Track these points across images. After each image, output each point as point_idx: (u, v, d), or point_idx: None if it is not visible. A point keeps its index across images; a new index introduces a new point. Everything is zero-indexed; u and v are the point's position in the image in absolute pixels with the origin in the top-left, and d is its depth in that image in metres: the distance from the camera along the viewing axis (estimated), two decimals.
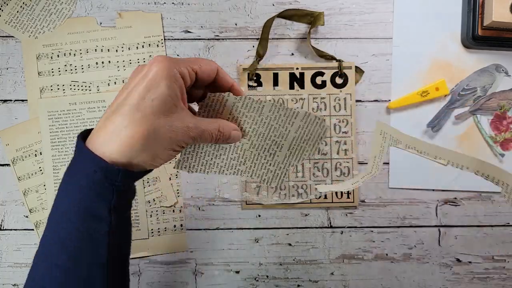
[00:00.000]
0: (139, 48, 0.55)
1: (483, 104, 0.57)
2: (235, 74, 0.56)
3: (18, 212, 0.56)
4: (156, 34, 0.56)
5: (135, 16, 0.55)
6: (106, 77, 0.55)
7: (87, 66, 0.55)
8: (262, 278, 0.57)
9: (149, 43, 0.55)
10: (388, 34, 0.57)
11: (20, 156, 0.54)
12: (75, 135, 0.54)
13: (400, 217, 0.57)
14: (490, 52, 0.56)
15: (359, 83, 0.57)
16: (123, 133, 0.31)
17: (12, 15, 0.56)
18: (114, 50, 0.56)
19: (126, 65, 0.55)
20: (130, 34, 0.55)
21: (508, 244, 0.58)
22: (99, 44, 0.55)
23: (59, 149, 0.55)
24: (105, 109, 0.47)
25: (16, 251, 0.56)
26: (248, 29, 0.57)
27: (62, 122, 0.55)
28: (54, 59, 0.55)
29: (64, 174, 0.34)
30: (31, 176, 0.54)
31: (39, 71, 0.55)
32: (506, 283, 0.58)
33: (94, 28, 0.55)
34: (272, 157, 0.40)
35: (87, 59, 0.55)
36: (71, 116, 0.55)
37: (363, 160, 0.57)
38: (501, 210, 0.57)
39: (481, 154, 0.57)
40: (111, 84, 0.55)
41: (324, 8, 0.56)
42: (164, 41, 0.56)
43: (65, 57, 0.55)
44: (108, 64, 0.55)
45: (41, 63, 0.55)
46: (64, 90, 0.55)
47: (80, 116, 0.55)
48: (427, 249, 0.57)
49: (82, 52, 0.55)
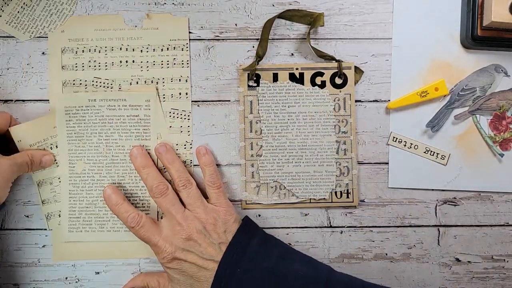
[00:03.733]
0: (164, 51, 0.56)
1: (482, 104, 0.57)
2: (235, 74, 0.57)
3: (18, 212, 0.56)
4: (182, 37, 0.56)
5: (163, 18, 0.56)
6: (129, 76, 0.56)
7: (111, 63, 0.56)
8: None
9: (174, 46, 0.56)
10: (387, 35, 0.57)
11: (36, 149, 0.54)
12: (93, 131, 0.55)
13: (400, 217, 0.57)
14: (489, 53, 0.56)
15: (358, 83, 0.57)
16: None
17: (13, 15, 0.56)
18: (139, 50, 0.56)
19: (149, 66, 0.56)
20: (156, 36, 0.56)
21: (507, 243, 0.58)
22: (124, 43, 0.56)
23: (76, 143, 0.55)
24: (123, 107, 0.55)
25: (16, 251, 0.56)
26: (248, 29, 0.57)
27: (80, 118, 0.55)
28: (78, 54, 0.56)
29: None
30: (46, 168, 0.55)
31: (63, 65, 0.56)
32: (505, 282, 0.58)
33: (121, 26, 0.56)
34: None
35: (111, 56, 0.56)
36: (89, 112, 0.55)
37: (362, 160, 0.57)
38: (501, 209, 0.58)
39: (480, 154, 0.57)
40: (133, 83, 0.56)
41: (323, 8, 0.57)
42: (189, 45, 0.56)
43: (89, 53, 0.56)
44: (132, 63, 0.56)
45: (66, 57, 0.56)
46: (86, 85, 0.56)
47: (99, 113, 0.55)
48: (426, 249, 0.58)
49: (107, 50, 0.56)
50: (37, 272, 0.56)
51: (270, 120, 0.56)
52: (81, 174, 0.55)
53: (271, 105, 0.56)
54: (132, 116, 0.55)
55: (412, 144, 0.57)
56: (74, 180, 0.55)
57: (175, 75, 0.56)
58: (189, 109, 0.56)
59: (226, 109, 0.57)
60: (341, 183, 0.56)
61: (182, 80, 0.56)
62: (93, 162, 0.55)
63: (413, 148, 0.57)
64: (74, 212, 0.55)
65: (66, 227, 0.55)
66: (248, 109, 0.56)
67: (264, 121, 0.56)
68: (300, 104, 0.56)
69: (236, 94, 0.57)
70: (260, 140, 0.56)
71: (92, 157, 0.55)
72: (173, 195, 0.51)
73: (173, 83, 0.56)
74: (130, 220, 0.50)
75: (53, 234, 0.56)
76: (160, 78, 0.56)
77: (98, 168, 0.55)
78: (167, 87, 0.56)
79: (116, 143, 0.55)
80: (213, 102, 0.57)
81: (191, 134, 0.56)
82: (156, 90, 0.55)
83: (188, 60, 0.56)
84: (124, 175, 0.55)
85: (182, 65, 0.56)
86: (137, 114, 0.55)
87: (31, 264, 0.56)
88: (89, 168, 0.55)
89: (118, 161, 0.55)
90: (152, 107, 0.55)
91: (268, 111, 0.56)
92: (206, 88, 0.57)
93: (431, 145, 0.57)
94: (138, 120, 0.55)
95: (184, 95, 0.56)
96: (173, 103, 0.56)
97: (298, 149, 0.56)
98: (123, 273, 0.57)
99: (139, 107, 0.55)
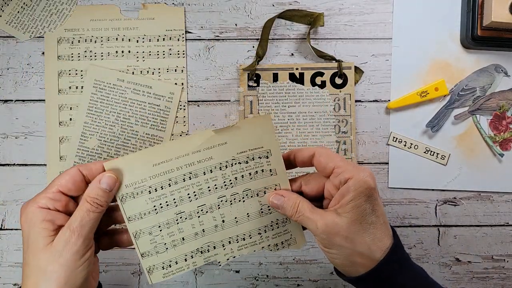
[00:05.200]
0: (160, 41, 0.56)
1: (482, 104, 0.57)
2: (235, 74, 0.57)
3: (18, 211, 0.56)
4: (178, 28, 0.56)
5: (159, 8, 0.56)
6: (125, 66, 0.56)
7: (107, 54, 0.56)
8: (262, 277, 0.57)
9: (170, 37, 0.56)
10: (387, 35, 0.57)
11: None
12: (113, 109, 0.55)
13: (400, 217, 0.57)
14: (489, 53, 0.56)
15: (358, 83, 0.57)
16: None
17: (13, 15, 0.56)
18: (135, 40, 0.56)
19: (145, 56, 0.56)
20: (152, 26, 0.56)
21: (507, 243, 0.58)
22: (120, 33, 0.56)
23: (93, 118, 0.56)
24: (148, 95, 0.55)
25: (16, 251, 0.56)
26: (248, 29, 0.57)
27: (105, 94, 0.56)
28: (74, 44, 0.56)
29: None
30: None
31: (59, 55, 0.56)
32: (505, 282, 0.58)
33: (117, 17, 0.56)
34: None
35: (107, 47, 0.56)
36: (114, 91, 0.56)
37: (362, 160, 0.57)
38: (501, 209, 0.58)
39: (480, 154, 0.57)
40: (129, 73, 0.56)
41: (323, 8, 0.57)
42: (185, 35, 0.56)
43: (85, 43, 0.56)
44: (128, 53, 0.56)
45: (61, 47, 0.56)
46: (82, 76, 0.56)
47: (123, 94, 0.56)
48: (426, 249, 0.57)
49: (103, 40, 0.56)
50: None
51: None
52: (91, 150, 0.55)
53: (271, 105, 0.56)
54: (154, 104, 0.56)
55: (412, 144, 0.57)
56: (81, 154, 0.55)
57: (171, 65, 0.56)
58: (185, 99, 0.56)
59: (226, 109, 0.57)
60: None
61: (178, 70, 0.56)
62: (104, 140, 0.55)
63: (413, 148, 0.57)
64: None
65: None
66: (248, 109, 0.56)
67: None
68: (300, 104, 0.56)
69: (236, 94, 0.57)
70: None
71: (105, 135, 0.55)
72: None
73: (169, 73, 0.56)
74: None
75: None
76: (156, 68, 0.56)
77: (108, 147, 0.56)
78: (163, 77, 0.56)
79: (131, 127, 0.56)
80: (213, 102, 0.57)
81: (187, 124, 0.56)
82: (182, 85, 0.56)
83: (184, 51, 0.56)
84: None
85: (178, 55, 0.56)
86: (158, 104, 0.56)
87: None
88: (99, 145, 0.56)
89: (129, 144, 0.56)
90: (174, 101, 0.56)
91: (268, 111, 0.56)
92: (206, 88, 0.57)
93: (431, 145, 0.57)
94: (158, 110, 0.56)
95: (179, 85, 0.56)
96: None
97: None
98: (123, 273, 0.57)
99: (162, 98, 0.56)
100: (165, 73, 0.56)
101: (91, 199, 0.36)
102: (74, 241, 0.35)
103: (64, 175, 0.37)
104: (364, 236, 0.36)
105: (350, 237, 0.36)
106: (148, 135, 0.56)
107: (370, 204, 0.36)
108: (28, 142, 0.56)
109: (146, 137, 0.56)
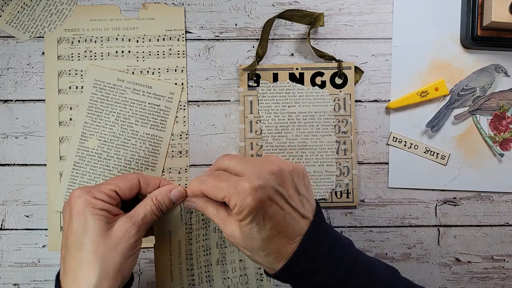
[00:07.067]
0: (160, 41, 0.56)
1: (482, 104, 0.57)
2: (235, 74, 0.57)
3: (18, 212, 0.56)
4: (178, 28, 0.56)
5: (159, 8, 0.56)
6: (125, 66, 0.56)
7: (107, 54, 0.56)
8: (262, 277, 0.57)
9: (170, 37, 0.56)
10: (387, 35, 0.57)
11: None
12: (113, 110, 0.55)
13: (400, 217, 0.57)
14: (489, 53, 0.56)
15: (358, 83, 0.57)
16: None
17: (13, 15, 0.56)
18: (135, 40, 0.56)
19: (145, 56, 0.56)
20: (152, 26, 0.56)
21: (507, 243, 0.58)
22: (120, 33, 0.56)
23: (93, 118, 0.55)
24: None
25: (16, 251, 0.56)
26: (248, 29, 0.57)
27: (105, 94, 0.55)
28: (74, 44, 0.56)
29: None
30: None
31: (59, 55, 0.56)
32: (505, 282, 0.58)
33: (117, 17, 0.56)
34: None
35: (107, 47, 0.56)
36: (114, 91, 0.55)
37: (362, 160, 0.57)
38: (501, 209, 0.58)
39: (480, 154, 0.57)
40: (129, 73, 0.56)
41: (323, 8, 0.57)
42: (185, 35, 0.56)
43: (85, 43, 0.56)
44: (128, 53, 0.56)
45: (61, 47, 0.56)
46: (82, 76, 0.56)
47: (123, 94, 0.56)
48: (426, 249, 0.57)
49: (103, 40, 0.56)
50: (37, 272, 0.56)
51: (270, 120, 0.56)
52: (90, 150, 0.55)
53: (271, 105, 0.56)
54: (154, 104, 0.56)
55: (412, 144, 0.57)
56: (81, 153, 0.55)
57: (171, 65, 0.56)
58: (185, 99, 0.56)
59: (226, 109, 0.57)
60: (341, 183, 0.56)
61: (178, 70, 0.56)
62: (104, 140, 0.55)
63: (413, 148, 0.57)
64: (74, 185, 0.55)
65: (63, 198, 0.56)
66: (248, 109, 0.56)
67: (264, 121, 0.56)
68: (300, 104, 0.56)
69: (236, 94, 0.57)
70: (260, 140, 0.56)
71: (105, 135, 0.55)
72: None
73: (169, 73, 0.56)
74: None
75: (48, 220, 0.56)
76: (156, 68, 0.56)
77: (108, 147, 0.55)
78: (163, 77, 0.56)
79: (131, 127, 0.56)
80: (213, 102, 0.57)
81: (187, 124, 0.56)
82: (182, 85, 0.56)
83: (184, 51, 0.56)
84: (131, 160, 0.56)
85: (178, 55, 0.56)
86: (158, 104, 0.56)
87: (31, 264, 0.56)
88: (99, 145, 0.56)
89: (128, 145, 0.56)
90: (174, 101, 0.56)
91: (268, 111, 0.56)
92: (206, 88, 0.57)
93: (431, 145, 0.57)
94: (158, 110, 0.56)
95: (179, 85, 0.56)
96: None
97: (298, 149, 0.56)
98: None
99: (162, 98, 0.56)
100: (165, 73, 0.56)
101: (157, 202, 0.40)
102: (133, 233, 0.39)
103: (124, 179, 0.41)
104: (259, 251, 0.37)
105: (248, 249, 0.37)
106: (148, 135, 0.56)
107: (256, 222, 0.35)
108: (28, 142, 0.56)
109: (146, 137, 0.56)
